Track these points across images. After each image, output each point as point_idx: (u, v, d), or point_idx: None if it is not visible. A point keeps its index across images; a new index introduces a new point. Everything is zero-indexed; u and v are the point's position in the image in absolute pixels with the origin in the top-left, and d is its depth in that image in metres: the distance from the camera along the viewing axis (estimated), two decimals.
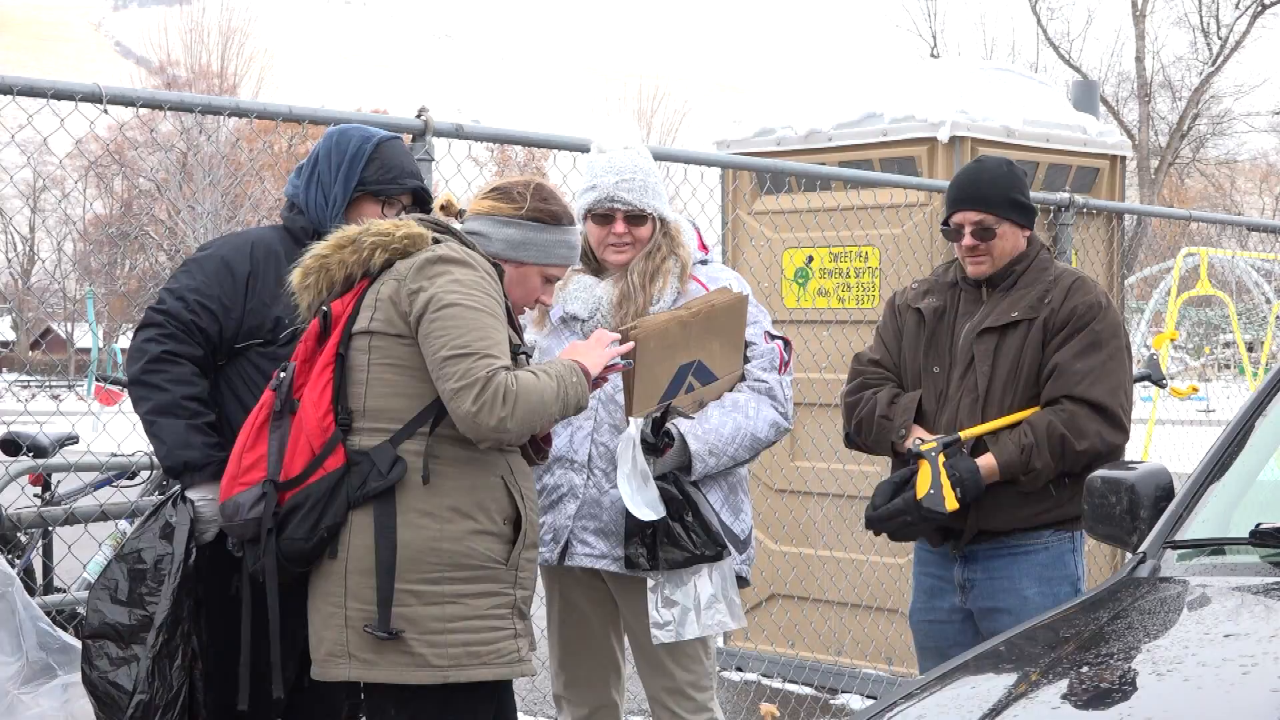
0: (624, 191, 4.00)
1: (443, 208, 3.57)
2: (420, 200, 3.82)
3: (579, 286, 4.06)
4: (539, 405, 3.25)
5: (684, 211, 4.85)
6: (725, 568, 3.90)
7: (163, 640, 3.40)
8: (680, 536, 3.81)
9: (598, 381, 3.54)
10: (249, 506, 3.28)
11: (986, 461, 3.98)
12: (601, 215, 4.02)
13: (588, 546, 3.99)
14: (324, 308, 3.35)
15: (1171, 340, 10.31)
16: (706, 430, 3.91)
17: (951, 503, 3.92)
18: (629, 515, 3.80)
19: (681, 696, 4.08)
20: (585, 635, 4.15)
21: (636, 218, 4.02)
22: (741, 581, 4.06)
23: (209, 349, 3.63)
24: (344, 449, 3.26)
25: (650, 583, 3.88)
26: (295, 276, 3.40)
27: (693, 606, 3.85)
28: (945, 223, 4.17)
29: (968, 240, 4.10)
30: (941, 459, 3.95)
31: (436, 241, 3.36)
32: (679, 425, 3.89)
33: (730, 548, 3.93)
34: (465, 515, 3.27)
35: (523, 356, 3.41)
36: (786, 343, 4.14)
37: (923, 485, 3.95)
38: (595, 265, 4.10)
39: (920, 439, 4.03)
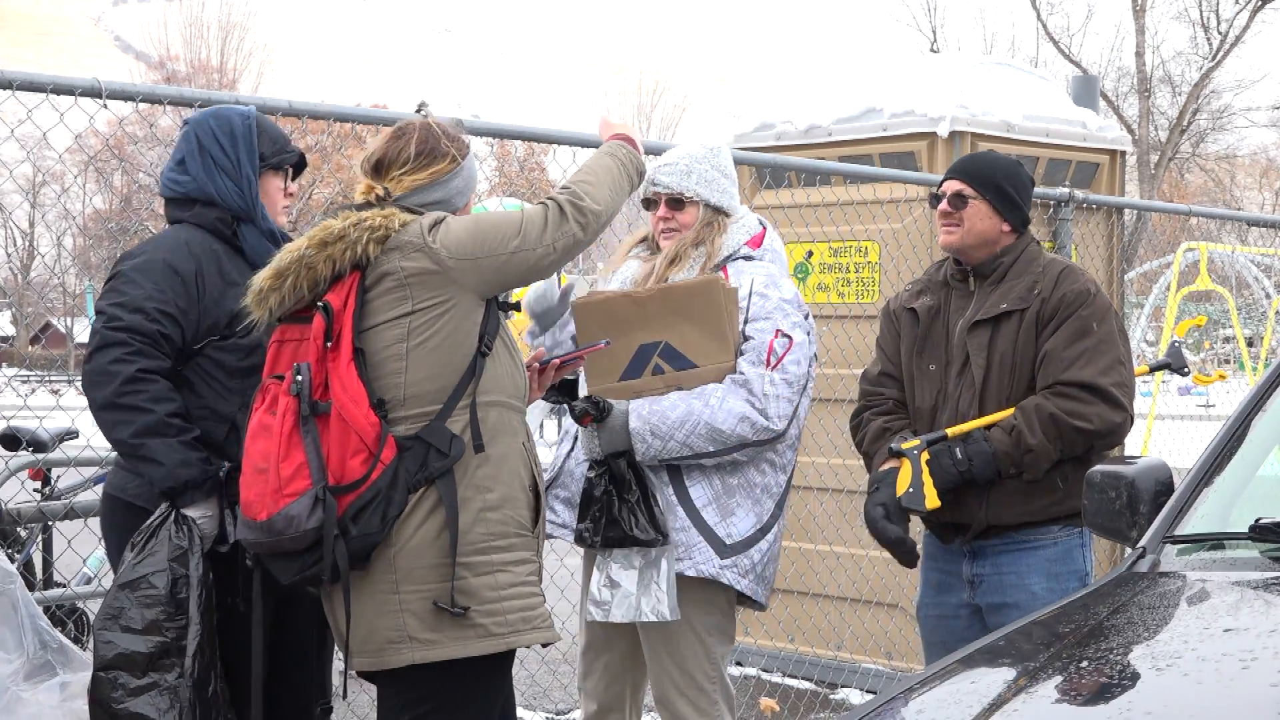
0: (663, 175, 4.07)
1: (379, 195, 3.44)
2: (298, 166, 3.78)
3: (627, 267, 4.15)
4: (614, 180, 3.53)
5: None
6: (669, 559, 3.85)
7: (200, 666, 3.37)
8: (619, 516, 3.82)
9: (577, 361, 3.78)
10: (306, 516, 3.18)
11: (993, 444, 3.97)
12: (648, 200, 4.12)
13: (553, 514, 4.02)
14: (320, 303, 3.30)
15: (1197, 326, 10.29)
16: (653, 411, 3.87)
17: (933, 500, 3.92)
18: (584, 491, 3.87)
19: (685, 698, 4.06)
20: (607, 629, 4.12)
21: (677, 202, 4.06)
22: (741, 599, 4.03)
23: (174, 358, 3.50)
24: (394, 439, 3.25)
25: (599, 560, 3.89)
26: (265, 276, 3.32)
27: (635, 591, 3.84)
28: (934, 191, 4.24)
29: (943, 205, 4.13)
30: (924, 457, 3.95)
31: None
32: (629, 403, 3.89)
33: (711, 543, 3.91)
34: (503, 483, 3.33)
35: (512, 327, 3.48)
36: (788, 339, 4.01)
37: (902, 483, 3.94)
38: (656, 250, 4.17)
39: (904, 437, 4.04)
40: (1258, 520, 2.97)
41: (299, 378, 3.25)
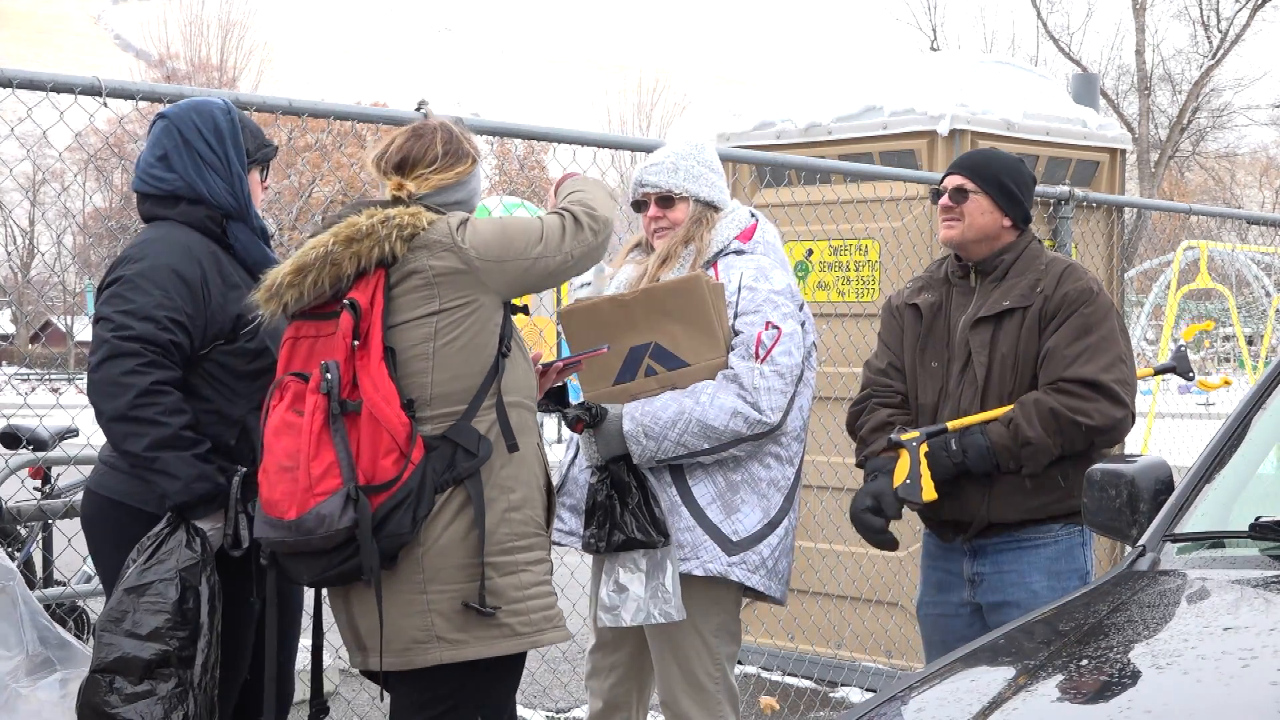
0: (650, 175, 4.07)
1: (410, 194, 3.45)
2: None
3: (623, 272, 4.14)
4: (604, 193, 3.57)
5: None
6: (673, 559, 3.86)
7: (209, 678, 3.38)
8: (621, 521, 3.83)
9: (577, 365, 3.79)
10: (338, 515, 3.14)
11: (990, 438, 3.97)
12: (638, 202, 4.10)
13: (561, 522, 4.03)
14: (346, 300, 3.27)
15: (1206, 330, 10.30)
16: (645, 412, 3.87)
17: (929, 493, 3.92)
18: (588, 497, 3.88)
19: (689, 699, 4.05)
20: (616, 629, 4.11)
21: (667, 200, 4.05)
22: (750, 592, 4.02)
23: (183, 366, 3.45)
24: (422, 439, 3.24)
25: (606, 565, 3.89)
26: (285, 271, 3.30)
27: (643, 594, 3.84)
28: (937, 187, 4.22)
29: (944, 200, 4.13)
30: (923, 449, 3.94)
31: None
32: (623, 406, 3.89)
33: (717, 541, 3.91)
34: (524, 483, 3.36)
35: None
36: (777, 330, 3.97)
37: (899, 474, 3.95)
38: (651, 251, 4.16)
39: (903, 429, 4.04)
40: (1258, 519, 2.97)
41: (328, 376, 3.21)
